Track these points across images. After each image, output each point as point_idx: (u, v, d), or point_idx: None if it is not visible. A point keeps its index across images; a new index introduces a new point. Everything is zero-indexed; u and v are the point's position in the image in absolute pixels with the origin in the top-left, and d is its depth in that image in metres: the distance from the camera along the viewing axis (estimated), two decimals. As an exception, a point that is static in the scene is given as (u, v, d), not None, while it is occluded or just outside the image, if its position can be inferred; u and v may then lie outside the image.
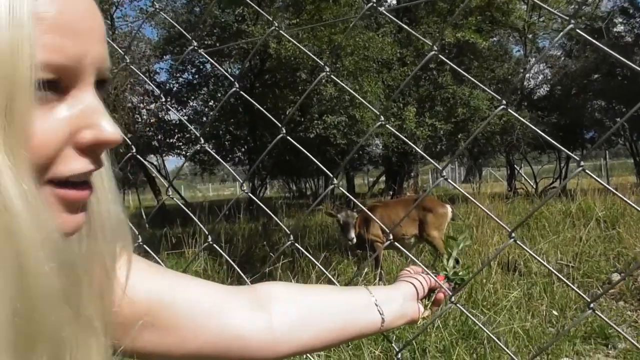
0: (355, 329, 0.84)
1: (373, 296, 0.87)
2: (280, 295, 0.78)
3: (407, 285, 0.96)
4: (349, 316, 0.83)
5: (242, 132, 14.45)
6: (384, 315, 0.87)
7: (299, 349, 0.78)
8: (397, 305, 0.91)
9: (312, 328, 0.78)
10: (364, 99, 9.48)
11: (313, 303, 0.81)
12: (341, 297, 0.86)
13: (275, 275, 4.30)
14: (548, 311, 3.79)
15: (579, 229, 5.80)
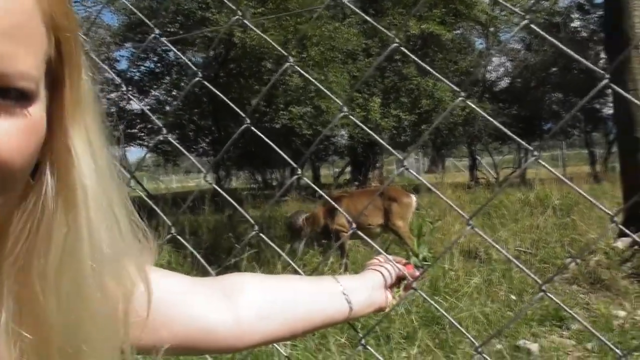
0: (323, 317, 0.86)
1: (340, 285, 0.89)
2: (247, 286, 0.79)
3: (375, 274, 0.98)
4: (316, 305, 0.85)
5: (207, 122, 14.28)
6: (351, 304, 0.88)
7: (267, 339, 0.79)
8: (365, 294, 0.92)
9: (279, 318, 0.79)
10: (330, 90, 9.52)
11: (280, 293, 0.82)
12: (309, 286, 0.88)
13: (240, 266, 4.30)
14: (507, 296, 3.92)
15: (537, 217, 6.01)
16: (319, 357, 2.88)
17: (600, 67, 14.95)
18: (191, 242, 5.63)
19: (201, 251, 5.42)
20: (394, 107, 11.54)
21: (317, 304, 0.85)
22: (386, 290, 0.98)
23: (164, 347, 0.69)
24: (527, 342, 3.13)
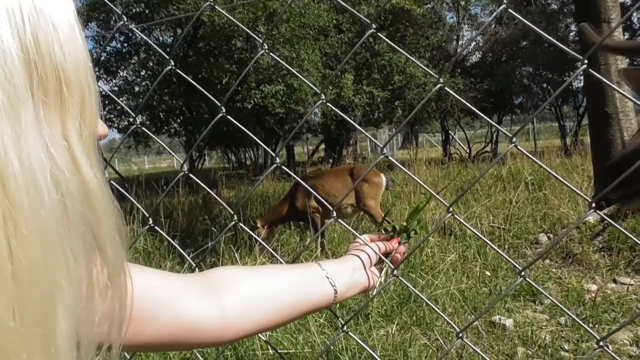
0: (309, 303, 0.87)
1: (324, 270, 0.91)
2: (231, 280, 0.80)
3: (356, 256, 1.00)
4: (301, 292, 0.86)
5: (177, 102, 14.01)
6: (336, 287, 0.90)
7: (253, 330, 0.80)
8: (348, 276, 0.95)
9: (264, 309, 0.80)
10: (301, 67, 9.42)
11: (264, 284, 0.83)
12: (292, 274, 0.89)
13: (218, 249, 4.28)
14: (482, 272, 4.00)
15: (509, 192, 6.11)
16: (299, 338, 2.90)
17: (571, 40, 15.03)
18: (166, 225, 5.57)
19: (177, 234, 5.37)
20: (367, 84, 11.51)
21: (302, 291, 0.86)
22: (370, 270, 1.01)
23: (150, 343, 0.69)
24: (502, 318, 3.20)
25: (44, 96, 0.41)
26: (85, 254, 0.43)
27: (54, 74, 0.41)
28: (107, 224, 0.46)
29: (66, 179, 0.41)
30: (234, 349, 2.76)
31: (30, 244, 0.38)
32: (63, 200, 0.41)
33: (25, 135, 0.39)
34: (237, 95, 10.79)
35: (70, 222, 0.41)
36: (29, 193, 0.38)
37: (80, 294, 0.43)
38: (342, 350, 2.66)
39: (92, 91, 0.45)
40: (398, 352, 2.79)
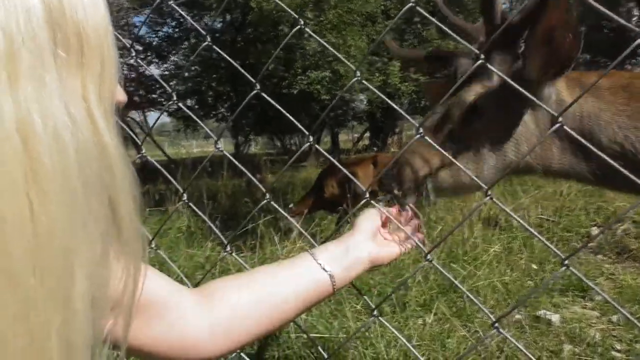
0: (304, 297, 0.84)
1: (316, 259, 0.87)
2: (222, 291, 0.78)
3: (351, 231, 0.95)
4: (293, 288, 0.83)
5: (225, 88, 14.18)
6: (332, 275, 0.86)
7: (246, 340, 0.78)
8: (344, 256, 0.89)
9: (256, 315, 0.78)
10: (348, 54, 9.32)
11: (253, 288, 0.80)
12: (281, 270, 0.85)
13: (257, 232, 4.30)
14: (527, 265, 3.85)
15: (560, 184, 5.85)
16: (334, 324, 2.87)
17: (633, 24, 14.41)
18: (210, 207, 5.65)
19: (219, 216, 5.43)
20: (414, 71, 11.28)
21: (293, 287, 0.83)
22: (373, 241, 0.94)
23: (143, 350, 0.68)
24: (547, 313, 3.07)
25: (66, 57, 0.41)
26: (102, 215, 0.44)
27: (76, 36, 0.42)
28: (123, 187, 0.46)
29: (85, 140, 0.42)
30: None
31: (51, 204, 0.39)
32: (82, 161, 0.41)
33: (49, 95, 0.39)
34: (283, 81, 10.81)
35: (88, 184, 0.42)
36: (51, 153, 0.39)
37: (97, 256, 0.43)
38: (377, 337, 2.61)
39: (112, 55, 0.46)
40: (435, 343, 2.73)
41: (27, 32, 0.38)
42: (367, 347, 2.58)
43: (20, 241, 0.37)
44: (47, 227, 0.39)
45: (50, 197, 0.39)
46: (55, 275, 0.40)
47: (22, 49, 0.38)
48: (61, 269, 0.40)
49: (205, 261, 4.08)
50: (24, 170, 0.38)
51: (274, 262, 0.90)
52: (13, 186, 0.37)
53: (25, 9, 0.38)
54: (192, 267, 3.96)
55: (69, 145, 0.40)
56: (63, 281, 0.40)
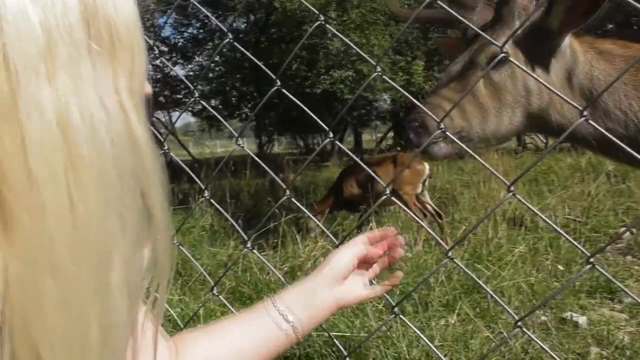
0: (264, 351, 0.82)
1: (276, 306, 0.84)
2: (189, 344, 0.78)
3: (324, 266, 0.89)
4: (252, 342, 0.81)
5: (249, 88, 14.27)
6: (292, 323, 0.83)
7: None
8: (309, 301, 0.86)
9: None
10: (371, 53, 9.29)
11: (215, 344, 0.80)
12: (242, 323, 0.83)
13: (279, 230, 4.31)
14: (553, 266, 3.78)
15: (588, 184, 5.72)
16: (355, 322, 2.86)
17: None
18: (232, 206, 5.69)
19: (241, 215, 5.47)
20: (438, 70, 11.18)
21: (252, 341, 0.81)
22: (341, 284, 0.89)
23: None
24: (574, 315, 3.00)
25: (99, 51, 0.43)
26: (135, 205, 0.45)
27: (108, 30, 0.43)
28: (153, 177, 0.47)
29: (119, 132, 0.43)
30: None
31: (89, 194, 0.40)
32: (117, 153, 0.42)
33: (85, 87, 0.41)
34: (306, 81, 10.82)
35: (123, 174, 0.43)
36: (88, 144, 0.40)
37: (132, 245, 0.45)
38: (399, 337, 2.59)
39: (141, 48, 0.47)
40: (458, 344, 2.69)
41: (64, 26, 0.40)
42: (389, 346, 2.56)
43: (60, 230, 0.39)
44: (85, 217, 0.40)
45: (88, 187, 0.40)
46: (94, 264, 0.41)
47: (59, 43, 0.39)
48: (99, 257, 0.41)
49: (228, 259, 4.11)
50: (64, 161, 0.39)
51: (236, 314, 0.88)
52: (53, 176, 0.38)
53: (62, 4, 0.39)
54: (214, 265, 3.99)
55: (105, 137, 0.41)
56: (101, 270, 0.42)
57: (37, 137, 0.38)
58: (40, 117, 0.38)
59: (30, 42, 0.38)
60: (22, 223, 0.38)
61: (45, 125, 0.38)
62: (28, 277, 0.38)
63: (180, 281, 3.64)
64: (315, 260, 3.65)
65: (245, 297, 3.39)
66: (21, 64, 0.38)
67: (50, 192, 0.39)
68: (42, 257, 0.38)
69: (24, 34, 0.38)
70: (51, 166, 0.39)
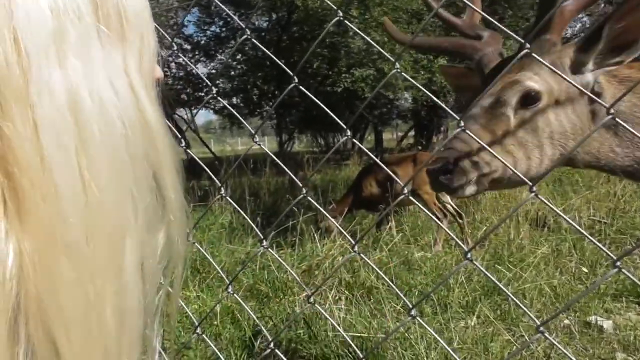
0: None
1: None
2: None
3: None
4: None
5: (270, 86, 14.29)
6: None
7: None
8: None
9: None
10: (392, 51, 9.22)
11: None
12: None
13: (297, 229, 4.29)
14: (577, 268, 3.69)
15: (614, 184, 5.58)
16: (373, 323, 2.83)
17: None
18: (252, 203, 5.70)
19: (260, 213, 5.47)
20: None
21: None
22: None
23: None
24: (599, 319, 2.92)
25: (108, 33, 0.43)
26: (148, 187, 0.45)
27: (116, 12, 0.44)
28: (166, 160, 0.47)
29: (129, 113, 0.43)
30: (307, 327, 2.74)
31: (101, 175, 0.40)
32: (128, 134, 0.42)
33: (95, 70, 0.41)
34: (327, 79, 10.78)
35: (134, 155, 0.43)
36: (99, 126, 0.40)
37: (145, 227, 0.45)
38: (417, 338, 2.55)
39: (150, 30, 0.48)
40: (478, 346, 2.64)
41: (73, 9, 0.40)
42: (407, 348, 2.52)
43: (74, 211, 0.39)
44: (98, 198, 0.40)
45: (100, 168, 0.40)
46: (107, 245, 0.41)
47: (69, 26, 0.40)
48: (112, 239, 0.42)
49: (246, 257, 4.11)
50: (75, 143, 0.39)
51: None
52: (65, 158, 0.39)
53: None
54: (232, 263, 3.99)
55: (116, 119, 0.42)
56: (115, 251, 0.42)
57: (48, 119, 0.38)
58: (51, 100, 0.38)
59: (40, 25, 0.38)
60: (36, 205, 0.38)
61: (56, 107, 0.38)
62: (42, 258, 0.38)
63: (198, 278, 3.65)
64: (333, 260, 3.63)
65: (263, 295, 3.38)
66: (32, 47, 0.38)
67: (63, 173, 0.39)
68: (57, 238, 0.39)
69: (34, 18, 0.38)
70: (63, 148, 0.39)
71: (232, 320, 2.98)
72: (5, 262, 0.37)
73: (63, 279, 0.39)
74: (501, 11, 12.05)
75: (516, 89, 1.19)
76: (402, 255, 4.08)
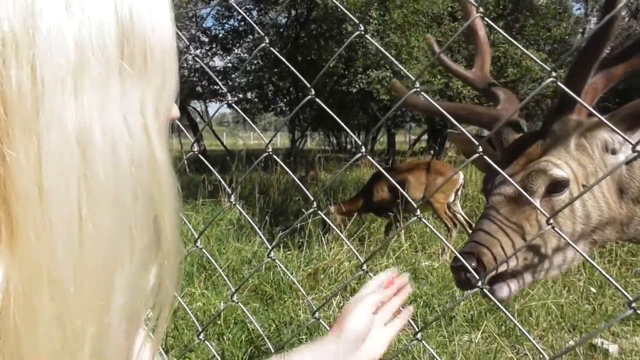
0: None
1: None
2: None
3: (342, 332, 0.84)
4: None
5: (285, 83, 14.29)
6: None
7: None
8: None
9: None
10: (411, 55, 9.18)
11: None
12: None
13: (306, 230, 4.29)
14: (586, 287, 3.65)
15: (627, 203, 5.51)
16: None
17: None
18: (261, 201, 5.70)
19: (269, 211, 5.47)
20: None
21: None
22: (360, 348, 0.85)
23: None
24: (605, 342, 2.89)
25: (130, 71, 0.42)
26: (147, 229, 0.44)
27: (142, 51, 0.43)
28: (169, 202, 0.46)
29: (140, 154, 0.42)
30: (310, 333, 2.74)
31: (100, 214, 0.39)
32: (134, 174, 0.42)
33: (110, 106, 0.40)
34: (343, 79, 10.76)
35: (138, 196, 0.42)
36: (106, 163, 0.39)
37: (138, 269, 0.43)
38: (420, 353, 2.54)
39: (173, 73, 0.47)
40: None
41: (98, 44, 0.39)
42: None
43: (65, 247, 0.38)
44: (93, 237, 0.39)
45: (101, 206, 0.39)
46: (95, 286, 0.40)
47: (91, 60, 0.39)
48: (102, 279, 0.41)
49: (253, 256, 4.11)
50: (78, 178, 0.38)
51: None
52: (65, 193, 0.38)
53: (99, 22, 0.39)
54: (239, 261, 4.00)
55: (124, 157, 0.41)
56: (102, 292, 0.41)
57: (54, 151, 0.37)
58: (60, 132, 0.37)
59: (61, 56, 0.38)
60: (27, 237, 0.37)
61: (64, 140, 0.38)
62: (26, 291, 0.37)
63: (204, 275, 3.66)
64: (339, 264, 3.62)
65: (267, 297, 3.38)
66: (49, 77, 0.37)
67: (60, 208, 0.38)
68: (42, 273, 0.37)
69: (56, 48, 0.37)
70: (64, 182, 0.38)
71: (236, 320, 2.98)
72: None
73: (43, 315, 0.38)
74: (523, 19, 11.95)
75: (543, 177, 1.12)
76: (409, 263, 4.06)
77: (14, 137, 0.36)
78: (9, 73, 0.36)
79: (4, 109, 0.36)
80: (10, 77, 0.36)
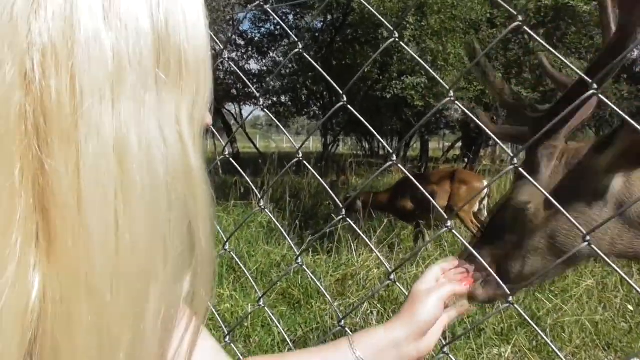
0: None
1: (355, 351, 0.79)
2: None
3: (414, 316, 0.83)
4: None
5: (319, 87, 14.34)
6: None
7: None
8: (389, 352, 0.80)
9: None
10: (447, 61, 9.08)
11: None
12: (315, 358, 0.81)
13: (335, 235, 4.28)
14: (623, 305, 3.53)
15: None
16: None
17: None
18: (292, 205, 5.72)
19: (300, 215, 5.49)
20: (516, 83, 10.78)
21: None
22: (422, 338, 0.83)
23: None
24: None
25: (165, 79, 0.42)
26: (181, 237, 0.44)
27: (177, 60, 0.43)
28: (203, 210, 0.47)
29: (174, 162, 0.43)
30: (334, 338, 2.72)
31: (136, 222, 0.40)
32: (170, 183, 0.42)
33: (146, 115, 0.41)
34: (377, 84, 10.72)
35: (173, 205, 0.42)
36: (142, 172, 0.40)
37: (172, 277, 0.44)
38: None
39: (208, 80, 0.47)
40: (510, 378, 2.56)
41: (135, 54, 0.40)
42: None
43: (102, 255, 0.39)
44: (129, 245, 0.40)
45: (137, 215, 0.40)
46: (131, 293, 0.41)
47: (127, 70, 0.39)
48: (137, 287, 0.41)
49: (282, 260, 4.12)
50: (115, 186, 0.39)
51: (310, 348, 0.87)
52: (103, 200, 0.38)
53: (136, 32, 0.40)
54: (268, 264, 4.02)
55: (160, 166, 0.41)
56: (137, 300, 0.41)
57: (92, 160, 0.38)
58: (98, 141, 0.38)
59: (100, 66, 0.38)
60: (65, 244, 0.38)
61: (102, 149, 0.38)
62: (64, 299, 0.38)
63: (233, 276, 3.69)
64: (368, 271, 3.60)
65: (295, 301, 3.39)
66: (87, 87, 0.38)
67: (98, 216, 0.38)
68: (80, 281, 0.38)
69: (94, 58, 0.38)
70: (102, 191, 0.38)
71: (263, 323, 2.99)
72: (30, 295, 0.37)
73: (80, 323, 0.39)
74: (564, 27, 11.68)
75: None
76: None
77: (53, 146, 0.37)
78: (48, 83, 0.37)
79: (44, 119, 0.37)
80: (50, 87, 0.37)
